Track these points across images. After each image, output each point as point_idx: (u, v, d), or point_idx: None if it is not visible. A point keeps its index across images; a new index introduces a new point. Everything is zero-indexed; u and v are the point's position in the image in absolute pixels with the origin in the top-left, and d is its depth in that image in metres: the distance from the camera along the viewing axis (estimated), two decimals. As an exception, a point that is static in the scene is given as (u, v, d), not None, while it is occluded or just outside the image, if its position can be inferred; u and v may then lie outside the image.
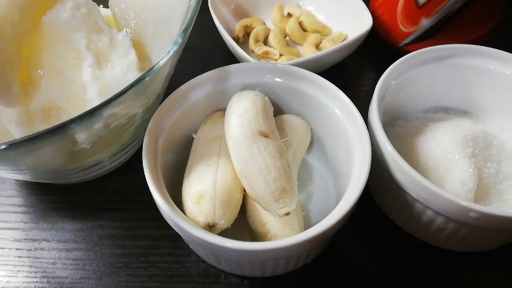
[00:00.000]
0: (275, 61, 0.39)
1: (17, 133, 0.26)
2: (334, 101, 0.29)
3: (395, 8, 0.38)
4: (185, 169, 0.28)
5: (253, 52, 0.40)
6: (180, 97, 0.29)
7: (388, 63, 0.42)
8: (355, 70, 0.42)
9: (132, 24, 0.26)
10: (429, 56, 0.32)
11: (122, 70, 0.23)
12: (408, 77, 0.32)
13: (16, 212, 0.32)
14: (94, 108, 0.20)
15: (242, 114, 0.26)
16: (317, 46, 0.40)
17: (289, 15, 0.44)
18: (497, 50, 0.32)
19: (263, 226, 0.26)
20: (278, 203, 0.24)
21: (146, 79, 0.22)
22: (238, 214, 0.26)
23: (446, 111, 0.35)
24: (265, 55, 0.40)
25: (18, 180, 0.33)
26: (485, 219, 0.23)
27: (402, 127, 0.34)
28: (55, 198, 0.32)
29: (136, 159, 0.30)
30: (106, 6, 0.32)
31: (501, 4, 0.38)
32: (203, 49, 0.43)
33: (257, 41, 0.41)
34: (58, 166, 0.25)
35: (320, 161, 0.33)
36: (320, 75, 0.38)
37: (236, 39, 0.41)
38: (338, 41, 0.40)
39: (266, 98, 0.29)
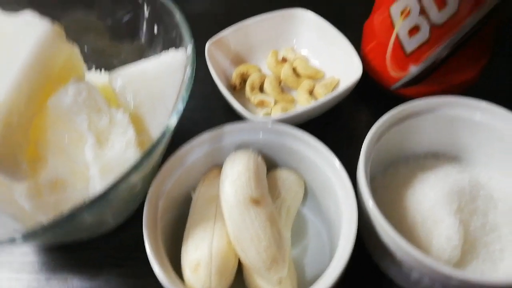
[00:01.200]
0: (270, 109, 0.41)
1: (27, 205, 0.28)
2: (325, 162, 0.31)
3: (384, 54, 0.39)
4: (185, 225, 0.30)
5: (250, 100, 0.42)
6: (179, 160, 0.31)
7: (381, 104, 0.43)
8: (349, 112, 0.43)
9: (130, 99, 0.28)
10: (415, 109, 0.33)
11: (121, 147, 0.25)
12: (395, 131, 0.33)
13: (28, 272, 0.34)
14: (97, 198, 0.22)
15: (235, 178, 0.28)
16: (311, 92, 0.42)
17: (284, 59, 0.45)
18: (483, 102, 0.33)
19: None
20: (269, 272, 0.25)
21: (148, 159, 0.24)
22: (236, 273, 0.28)
23: (436, 157, 0.36)
24: (261, 104, 0.41)
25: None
26: (466, 285, 0.25)
27: (393, 176, 0.35)
28: (64, 255, 0.34)
29: (139, 214, 0.32)
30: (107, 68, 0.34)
31: (489, 46, 0.39)
32: (207, 97, 0.44)
33: (253, 88, 0.42)
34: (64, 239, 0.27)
35: (314, 213, 0.34)
36: (315, 120, 0.40)
37: (234, 87, 0.43)
38: (331, 86, 0.42)
39: (259, 159, 0.31)
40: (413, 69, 0.38)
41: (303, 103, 0.41)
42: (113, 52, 0.36)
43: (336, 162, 0.30)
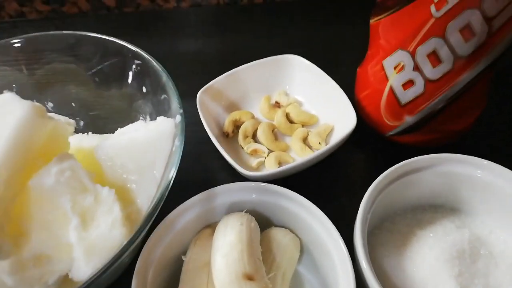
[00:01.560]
0: (264, 158, 0.40)
1: (10, 281, 0.27)
2: (320, 224, 0.30)
3: (378, 103, 0.39)
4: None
5: (243, 148, 0.41)
6: (169, 225, 0.30)
7: (376, 149, 0.43)
8: (344, 158, 0.42)
9: (117, 171, 0.27)
10: (414, 166, 0.32)
11: (107, 227, 0.24)
12: (393, 188, 0.32)
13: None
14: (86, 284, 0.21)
15: (227, 252, 0.27)
16: (304, 140, 0.41)
17: (277, 103, 0.45)
18: (484, 160, 0.32)
19: None
20: None
21: (135, 242, 0.23)
22: None
23: (434, 210, 0.35)
24: (254, 153, 0.40)
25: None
26: None
27: (390, 233, 0.34)
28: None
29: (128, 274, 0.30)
30: (96, 132, 0.33)
31: (485, 94, 0.38)
32: (200, 143, 0.43)
33: (246, 136, 0.41)
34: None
35: (311, 272, 0.33)
36: (310, 169, 0.39)
37: (226, 135, 0.42)
38: (324, 133, 0.41)
39: (253, 224, 0.30)
40: (409, 119, 0.38)
41: (297, 151, 0.41)
42: (100, 103, 0.36)
43: (331, 226, 0.29)
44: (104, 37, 0.33)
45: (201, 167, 0.41)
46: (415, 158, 0.32)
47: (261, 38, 0.56)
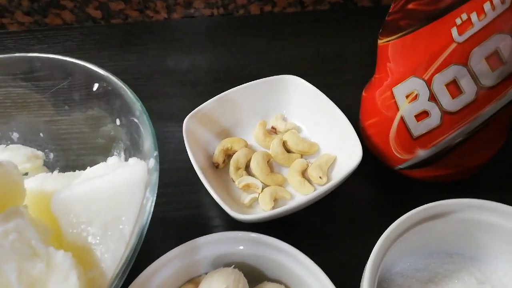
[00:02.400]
0: (257, 194, 0.36)
1: None
2: (316, 281, 0.26)
3: (387, 133, 0.34)
4: None
5: (234, 181, 0.37)
6: (143, 285, 0.26)
7: (384, 183, 0.38)
8: (348, 195, 0.38)
9: (76, 228, 0.22)
10: (429, 213, 0.28)
11: (61, 299, 0.20)
12: (405, 238, 0.28)
13: None
14: None
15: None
16: (303, 173, 0.37)
17: (273, 129, 0.40)
18: (503, 205, 0.28)
19: None
20: None
21: None
22: None
23: (451, 259, 0.31)
24: (247, 188, 0.36)
25: None
26: None
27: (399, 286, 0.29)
28: None
29: None
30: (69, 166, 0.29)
31: (506, 127, 0.34)
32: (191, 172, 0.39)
33: (238, 168, 0.37)
34: None
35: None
36: (312, 205, 0.34)
37: (217, 165, 0.38)
38: (326, 166, 0.36)
39: (241, 285, 0.25)
40: (421, 153, 0.33)
41: (295, 187, 0.36)
42: (68, 132, 0.31)
43: (327, 283, 0.25)
44: (64, 58, 0.29)
45: (187, 204, 0.37)
46: (433, 203, 0.28)
47: (257, 53, 0.52)
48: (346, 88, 0.43)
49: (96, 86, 0.28)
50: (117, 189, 0.23)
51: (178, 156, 0.39)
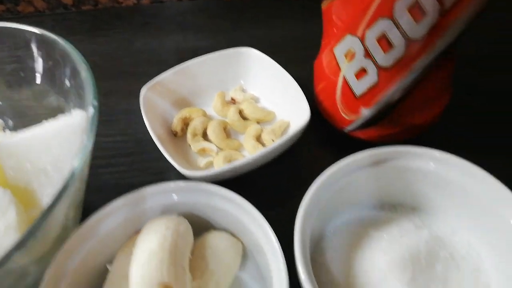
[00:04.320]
0: (212, 158, 0.37)
1: None
2: (258, 227, 0.27)
3: (334, 96, 0.36)
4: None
5: (191, 147, 0.38)
6: (88, 231, 0.27)
7: (337, 146, 0.40)
8: (303, 156, 0.39)
9: (19, 171, 0.24)
10: (364, 162, 0.30)
11: (-1, 233, 0.21)
12: (342, 185, 0.29)
13: None
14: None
15: (144, 262, 0.24)
16: (258, 138, 0.38)
17: (233, 100, 0.42)
18: (436, 151, 0.29)
19: None
20: None
21: (32, 239, 0.20)
22: None
23: (394, 209, 0.32)
24: (202, 152, 0.37)
25: None
26: None
27: (343, 235, 0.31)
28: None
29: None
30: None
31: (448, 86, 0.35)
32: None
33: (195, 135, 0.38)
34: None
35: (254, 277, 0.30)
36: (265, 169, 0.36)
37: (175, 134, 0.39)
38: (279, 131, 0.38)
39: (182, 228, 0.27)
40: (366, 112, 0.35)
41: (249, 150, 0.37)
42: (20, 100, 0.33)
43: (267, 228, 0.26)
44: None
45: (145, 169, 0.38)
46: (361, 152, 0.29)
47: (224, 35, 0.53)
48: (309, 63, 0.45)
49: (35, 45, 0.29)
50: (56, 134, 0.24)
51: (141, 128, 0.40)
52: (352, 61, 0.32)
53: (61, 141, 0.24)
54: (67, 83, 0.27)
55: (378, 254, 0.28)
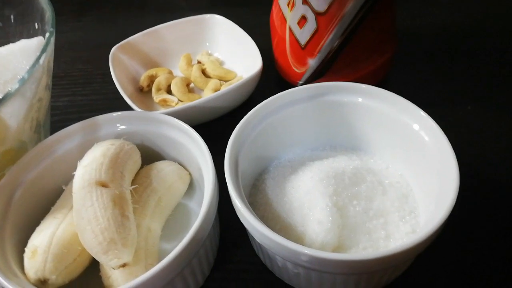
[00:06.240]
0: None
1: None
2: (200, 153, 0.30)
3: (285, 50, 0.39)
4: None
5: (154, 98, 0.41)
6: (45, 150, 0.30)
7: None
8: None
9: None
10: (293, 97, 0.32)
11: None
12: (280, 118, 0.32)
13: None
14: None
15: (87, 164, 0.27)
16: (216, 91, 0.41)
17: (199, 62, 0.45)
18: (362, 84, 0.32)
19: (108, 280, 0.25)
20: (107, 255, 0.23)
21: None
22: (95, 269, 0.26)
23: (334, 149, 0.35)
24: (163, 103, 0.40)
25: None
26: (318, 262, 0.22)
27: (284, 167, 0.33)
28: None
29: None
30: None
31: (392, 38, 0.38)
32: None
33: (159, 89, 0.42)
34: None
35: (199, 205, 0.32)
36: (222, 117, 0.39)
37: (140, 89, 0.42)
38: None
39: (127, 147, 0.30)
40: (312, 62, 0.37)
41: (208, 102, 0.40)
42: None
43: (203, 146, 0.29)
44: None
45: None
46: (288, 90, 0.31)
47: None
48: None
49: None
50: (14, 53, 0.27)
51: (115, 89, 0.44)
52: (294, 10, 0.35)
53: (17, 59, 0.27)
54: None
55: (307, 175, 0.30)
